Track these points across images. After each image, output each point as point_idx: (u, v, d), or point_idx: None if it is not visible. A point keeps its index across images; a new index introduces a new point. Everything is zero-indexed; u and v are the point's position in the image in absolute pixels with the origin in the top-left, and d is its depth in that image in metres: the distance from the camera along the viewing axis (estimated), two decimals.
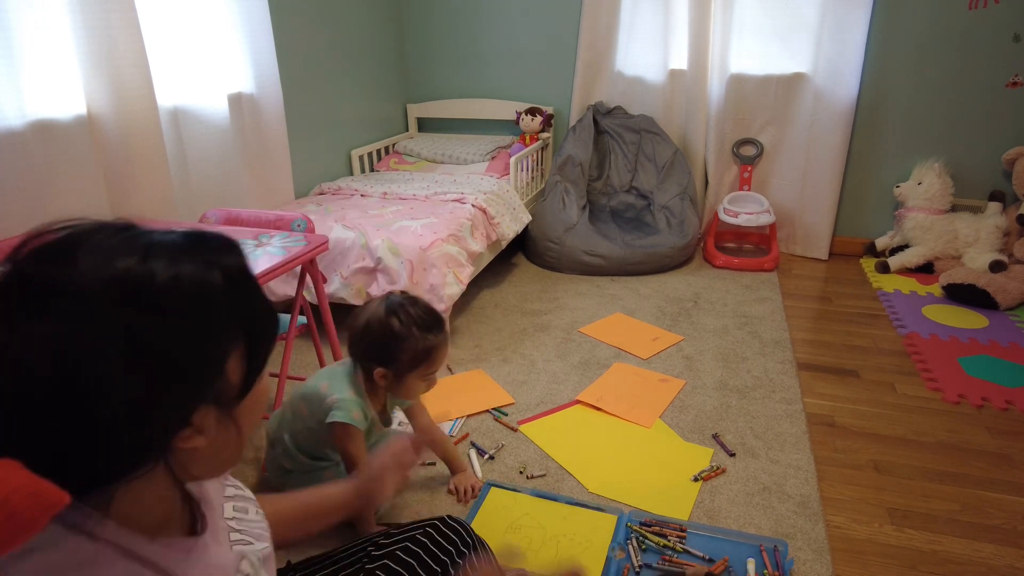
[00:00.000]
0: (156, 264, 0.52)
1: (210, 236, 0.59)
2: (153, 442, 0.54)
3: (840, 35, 3.00)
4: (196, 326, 0.54)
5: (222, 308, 0.56)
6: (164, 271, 0.52)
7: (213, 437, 0.57)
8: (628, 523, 1.49)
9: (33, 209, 1.74)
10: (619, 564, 1.39)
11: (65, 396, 0.48)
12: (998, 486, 1.65)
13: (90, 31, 1.78)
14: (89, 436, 0.50)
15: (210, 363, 0.55)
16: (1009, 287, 2.66)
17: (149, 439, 0.53)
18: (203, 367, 0.55)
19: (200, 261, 0.55)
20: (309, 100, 2.90)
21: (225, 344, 0.57)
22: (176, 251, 0.55)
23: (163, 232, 0.57)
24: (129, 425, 0.51)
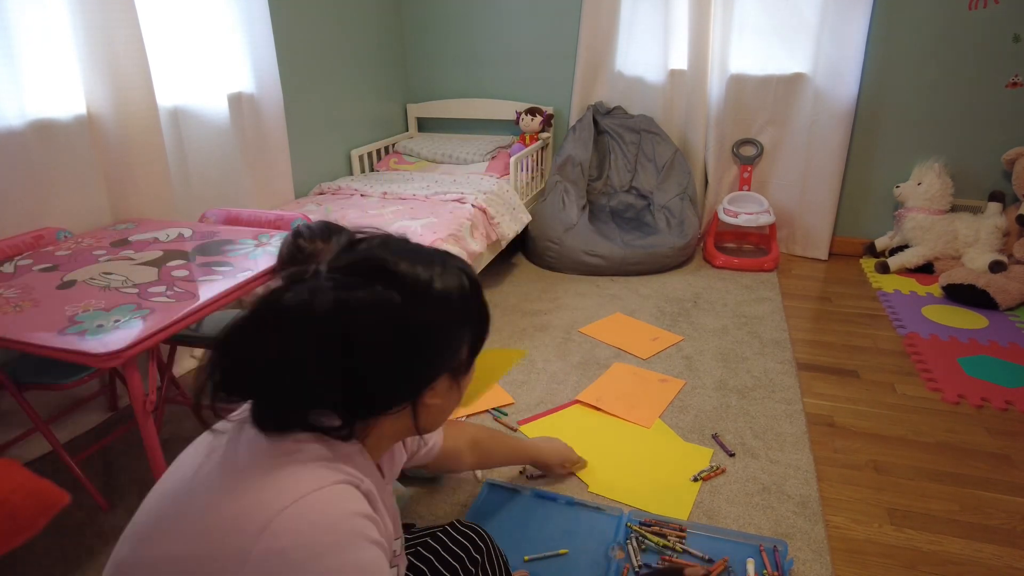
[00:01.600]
0: (435, 271, 0.75)
1: (453, 255, 0.83)
2: (412, 392, 0.76)
3: (840, 35, 3.00)
4: (455, 317, 0.77)
5: (468, 304, 0.79)
6: (439, 279, 0.75)
7: (444, 398, 0.80)
8: (628, 523, 1.49)
9: (33, 209, 1.75)
10: (619, 564, 1.39)
11: (378, 345, 0.71)
12: (997, 486, 1.65)
13: (90, 31, 1.78)
14: (381, 378, 0.72)
15: (455, 345, 0.79)
16: (1009, 287, 2.66)
17: (411, 390, 0.76)
18: (451, 347, 0.78)
19: (455, 269, 0.78)
20: (309, 100, 2.90)
21: (465, 331, 0.80)
22: (442, 261, 0.78)
23: (431, 248, 0.81)
24: (404, 377, 0.74)
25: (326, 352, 0.69)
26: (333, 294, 0.69)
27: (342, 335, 0.69)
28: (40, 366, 1.53)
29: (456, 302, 0.77)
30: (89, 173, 1.87)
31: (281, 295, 0.70)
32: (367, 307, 0.70)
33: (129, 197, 1.97)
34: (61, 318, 1.27)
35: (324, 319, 0.68)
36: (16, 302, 1.35)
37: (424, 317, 0.73)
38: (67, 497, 0.54)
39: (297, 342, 0.68)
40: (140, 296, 1.38)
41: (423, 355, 0.75)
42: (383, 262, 0.73)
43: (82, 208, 1.87)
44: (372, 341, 0.70)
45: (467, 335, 0.80)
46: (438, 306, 0.75)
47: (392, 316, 0.71)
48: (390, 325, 0.71)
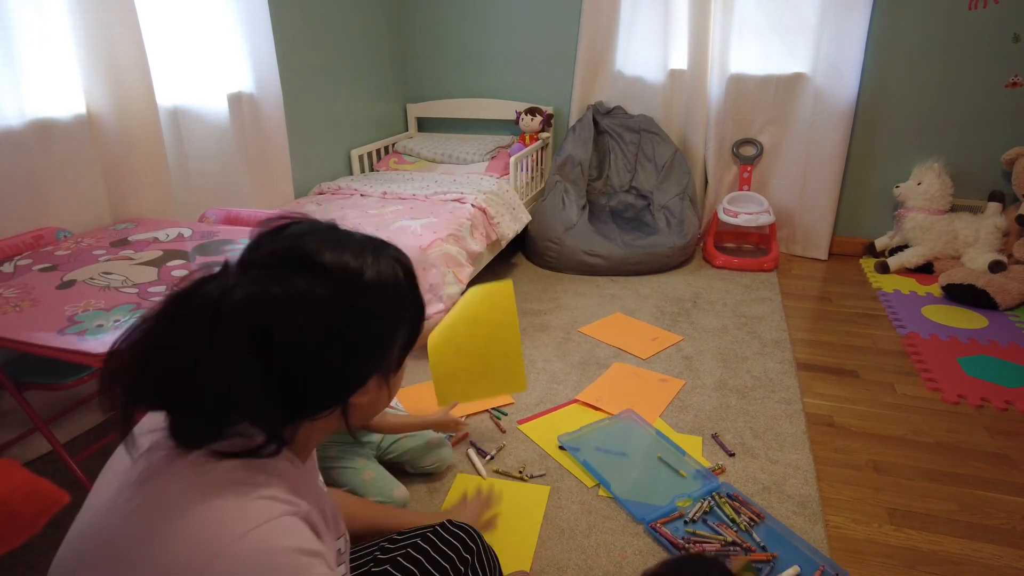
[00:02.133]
0: (366, 260, 0.69)
1: (387, 242, 0.76)
2: (339, 395, 0.70)
3: (840, 35, 3.00)
4: (388, 312, 0.71)
5: (403, 297, 0.73)
6: (370, 269, 0.69)
7: (373, 397, 0.74)
8: (716, 492, 1.58)
9: (33, 209, 1.75)
10: (676, 509, 1.53)
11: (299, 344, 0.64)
12: (997, 486, 1.65)
13: (90, 31, 1.78)
14: (305, 381, 0.65)
15: (387, 342, 0.72)
16: (1008, 287, 2.66)
17: (338, 392, 0.70)
18: (382, 345, 0.72)
19: (389, 258, 0.72)
20: (309, 100, 2.90)
21: (398, 327, 0.73)
22: (375, 249, 0.71)
23: (362, 235, 0.74)
24: (330, 379, 0.68)
25: (237, 355, 0.61)
26: (244, 290, 0.62)
27: (255, 335, 0.62)
28: (40, 366, 1.53)
29: (389, 294, 0.71)
30: (89, 173, 1.87)
31: (191, 292, 0.63)
32: (286, 303, 0.63)
33: (129, 197, 1.97)
34: (61, 318, 1.27)
35: (236, 318, 0.61)
36: (16, 302, 1.35)
37: (353, 312, 0.67)
38: (67, 497, 0.54)
39: (204, 345, 0.61)
40: (140, 296, 1.38)
41: (353, 354, 0.68)
42: (304, 251, 0.66)
43: (82, 208, 1.87)
44: (292, 340, 0.63)
45: (401, 331, 0.74)
46: (369, 299, 0.68)
47: (315, 312, 0.64)
48: (313, 322, 0.64)
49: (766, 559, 1.39)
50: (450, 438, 1.81)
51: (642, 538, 1.47)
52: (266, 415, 0.65)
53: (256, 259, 0.66)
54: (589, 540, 1.47)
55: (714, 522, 1.50)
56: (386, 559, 1.07)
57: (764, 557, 1.39)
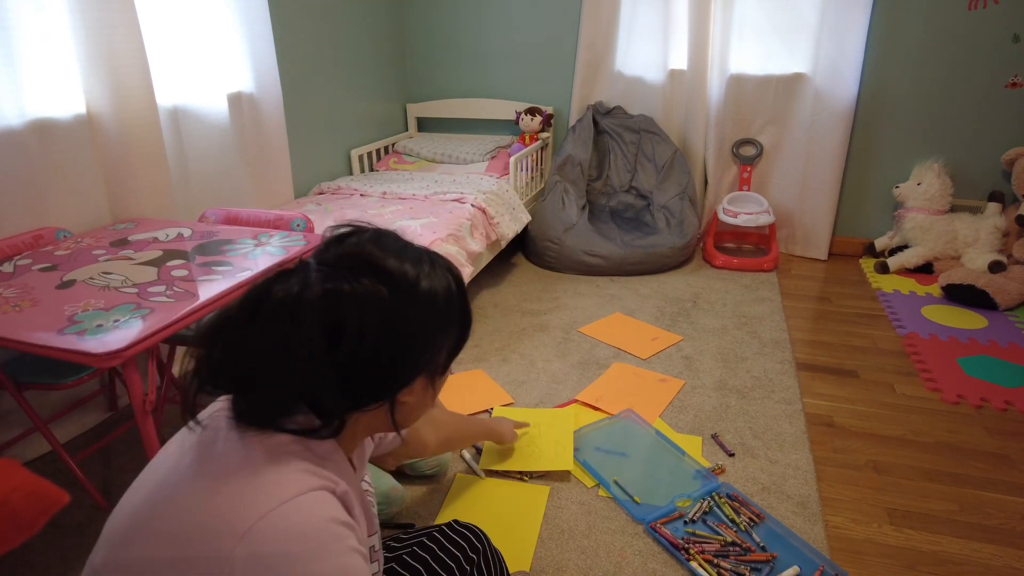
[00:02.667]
0: (423, 269, 0.76)
1: (440, 255, 0.83)
2: (391, 390, 0.75)
3: (840, 35, 3.00)
4: (439, 317, 0.77)
5: (453, 306, 0.79)
6: (427, 278, 0.75)
7: (419, 397, 0.80)
8: (716, 492, 1.59)
9: (33, 208, 1.75)
10: (676, 509, 1.54)
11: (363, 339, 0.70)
12: (997, 486, 1.66)
13: (90, 31, 1.78)
14: (363, 373, 0.71)
15: (437, 345, 0.78)
16: (1008, 287, 2.66)
17: (390, 387, 0.75)
18: (432, 347, 0.77)
19: (443, 270, 0.79)
20: (309, 100, 2.90)
21: (448, 332, 0.80)
22: (431, 260, 0.78)
23: (420, 247, 0.80)
24: (385, 374, 0.73)
25: (313, 344, 0.68)
26: (321, 286, 0.69)
27: (329, 327, 0.68)
28: (39, 366, 1.53)
29: (441, 302, 0.77)
30: (89, 173, 1.87)
31: (270, 286, 0.70)
32: (355, 300, 0.70)
33: (128, 197, 1.97)
34: (60, 318, 1.27)
35: (312, 311, 0.68)
36: (15, 302, 1.35)
37: (410, 314, 0.73)
38: (66, 497, 0.54)
39: (285, 334, 0.68)
40: (140, 296, 1.38)
41: (406, 353, 0.74)
42: (371, 256, 0.73)
43: (81, 208, 1.87)
44: (357, 335, 0.70)
45: (449, 337, 0.80)
46: (424, 305, 0.75)
47: (378, 311, 0.71)
48: (376, 320, 0.70)
49: (766, 559, 1.39)
50: None
51: (642, 538, 1.47)
52: (329, 403, 0.72)
53: (327, 260, 0.73)
54: (589, 540, 1.47)
55: (714, 522, 1.50)
56: (391, 557, 1.08)
57: (764, 557, 1.39)
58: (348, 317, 0.69)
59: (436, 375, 0.81)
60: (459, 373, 2.19)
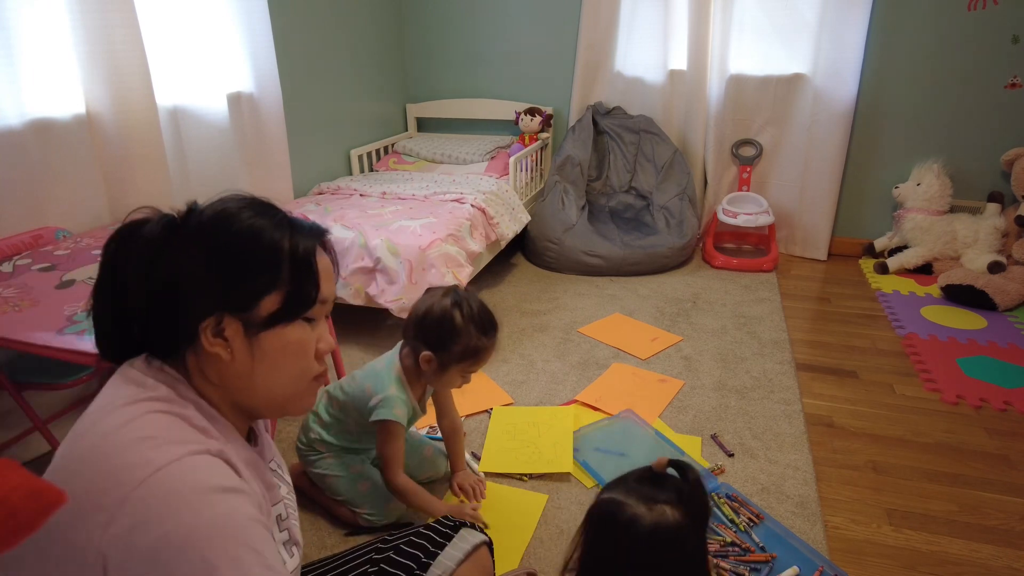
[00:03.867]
0: (245, 212, 0.76)
1: (310, 223, 0.82)
2: (184, 315, 0.72)
3: (840, 35, 3.00)
4: (252, 260, 0.74)
5: (278, 258, 0.75)
6: (247, 219, 0.75)
7: (235, 354, 0.74)
8: (715, 492, 1.58)
9: (32, 208, 1.74)
10: None
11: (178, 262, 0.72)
12: (996, 487, 1.66)
13: (89, 31, 1.78)
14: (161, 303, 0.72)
15: (252, 288, 0.74)
16: (1008, 288, 2.66)
17: (184, 309, 0.72)
18: (245, 287, 0.74)
19: (284, 230, 0.77)
20: (308, 100, 2.90)
21: (267, 280, 0.75)
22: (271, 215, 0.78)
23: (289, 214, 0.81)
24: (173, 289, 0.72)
25: (104, 282, 0.74)
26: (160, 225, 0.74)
27: (110, 268, 0.74)
28: (39, 365, 1.53)
29: (264, 243, 0.75)
30: (88, 172, 1.87)
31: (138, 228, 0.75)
32: (136, 241, 0.73)
33: (128, 196, 1.97)
34: (60, 317, 1.27)
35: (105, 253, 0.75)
36: (15, 301, 1.35)
37: (182, 253, 0.73)
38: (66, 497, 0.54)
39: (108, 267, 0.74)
40: None
41: (173, 292, 0.72)
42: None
43: (81, 207, 1.87)
44: (133, 273, 0.72)
45: (273, 284, 0.75)
46: (205, 246, 0.74)
47: (150, 247, 0.73)
48: (146, 257, 0.72)
49: (765, 559, 1.39)
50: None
51: None
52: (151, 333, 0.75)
53: None
54: None
55: (713, 522, 1.50)
56: (381, 558, 1.09)
57: (763, 558, 1.39)
58: (123, 258, 0.73)
59: (255, 327, 0.74)
60: None
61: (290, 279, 0.76)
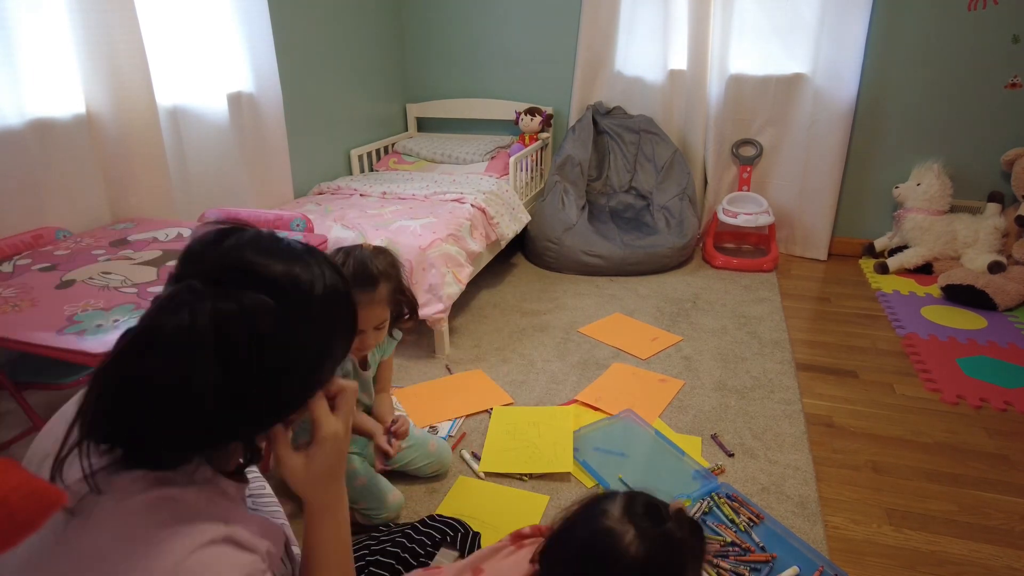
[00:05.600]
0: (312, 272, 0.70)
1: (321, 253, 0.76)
2: (289, 407, 0.71)
3: (840, 35, 3.00)
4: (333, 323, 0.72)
5: (345, 309, 0.74)
6: (319, 281, 0.70)
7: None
8: (715, 492, 1.58)
9: (32, 208, 1.75)
10: None
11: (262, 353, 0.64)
12: (996, 487, 1.66)
13: (89, 30, 1.78)
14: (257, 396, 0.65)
15: (335, 353, 0.74)
16: (1008, 288, 2.66)
17: (290, 403, 0.70)
18: (332, 355, 0.74)
19: (330, 270, 0.72)
20: (308, 100, 2.90)
21: (343, 338, 0.75)
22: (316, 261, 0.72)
23: (301, 244, 0.74)
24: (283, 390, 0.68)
25: (209, 372, 0.61)
26: (212, 309, 0.62)
27: (221, 351, 0.62)
28: (39, 365, 1.53)
29: (338, 304, 0.72)
30: (88, 172, 1.87)
31: (158, 320, 0.63)
32: (244, 318, 0.63)
33: (128, 196, 1.97)
34: (60, 317, 1.27)
35: (205, 338, 0.61)
36: (15, 301, 1.35)
37: (303, 323, 0.67)
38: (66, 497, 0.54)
39: (182, 368, 0.61)
40: (139, 296, 1.38)
41: (304, 365, 0.68)
42: (253, 265, 0.66)
43: (81, 207, 1.87)
44: (248, 353, 0.63)
45: (344, 342, 0.75)
46: (319, 309, 0.69)
47: (269, 324, 0.64)
48: (267, 334, 0.64)
49: (765, 559, 1.39)
50: (448, 437, 1.81)
51: None
52: (233, 430, 0.66)
53: (206, 273, 0.65)
54: None
55: (713, 522, 1.50)
56: (372, 555, 1.11)
57: (763, 558, 1.39)
58: (239, 336, 0.62)
59: (319, 387, 0.74)
60: (459, 373, 2.19)
61: (349, 325, 0.77)
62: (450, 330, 2.41)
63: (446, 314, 2.26)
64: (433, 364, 2.26)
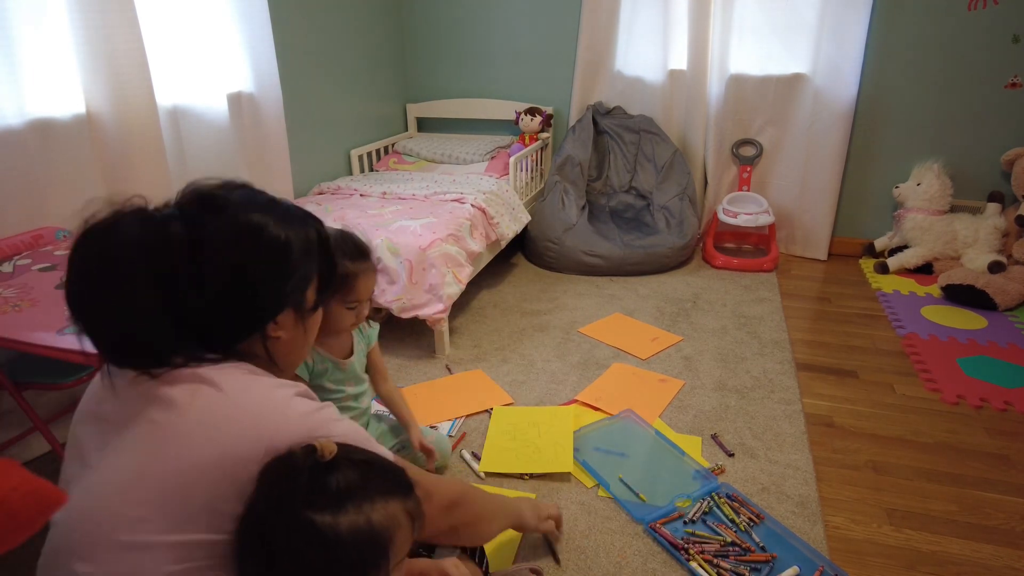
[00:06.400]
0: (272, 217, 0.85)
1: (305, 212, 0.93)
2: (257, 321, 0.85)
3: (840, 35, 3.00)
4: (301, 265, 0.87)
5: (312, 254, 0.89)
6: (282, 231, 0.84)
7: (290, 335, 0.90)
8: (715, 492, 1.58)
9: (32, 208, 1.74)
10: (678, 509, 1.54)
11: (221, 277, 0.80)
12: (996, 487, 1.66)
13: (89, 30, 1.78)
14: (230, 305, 0.81)
15: (300, 285, 0.88)
16: (1008, 288, 2.66)
17: (256, 317, 0.85)
18: (297, 286, 0.88)
19: (299, 220, 0.88)
20: (309, 100, 2.90)
21: (310, 275, 0.90)
22: (292, 215, 0.88)
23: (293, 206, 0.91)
24: (250, 302, 0.83)
25: (148, 290, 0.77)
26: (182, 225, 0.79)
27: (193, 265, 0.77)
28: (39, 365, 1.53)
29: (293, 252, 0.85)
30: (88, 172, 1.87)
31: (117, 228, 0.82)
32: (216, 240, 0.79)
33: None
34: (60, 317, 1.27)
35: (178, 250, 0.77)
36: (15, 301, 1.35)
37: (250, 261, 0.82)
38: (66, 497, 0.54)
39: (127, 282, 0.78)
40: None
41: (251, 296, 0.82)
42: (223, 200, 0.82)
43: (81, 207, 1.86)
44: (219, 270, 0.79)
45: (307, 280, 0.89)
46: (268, 253, 0.83)
47: (226, 251, 0.79)
48: (237, 256, 0.80)
49: (765, 559, 1.39)
50: (448, 437, 1.81)
51: (641, 538, 1.47)
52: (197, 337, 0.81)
53: (185, 201, 0.83)
54: (588, 540, 1.47)
55: (713, 522, 1.50)
56: None
57: (763, 558, 1.39)
58: (208, 256, 0.78)
59: (305, 313, 0.90)
60: (459, 373, 2.19)
61: (322, 265, 0.91)
62: (450, 330, 2.41)
63: (446, 314, 2.26)
64: (433, 364, 2.26)
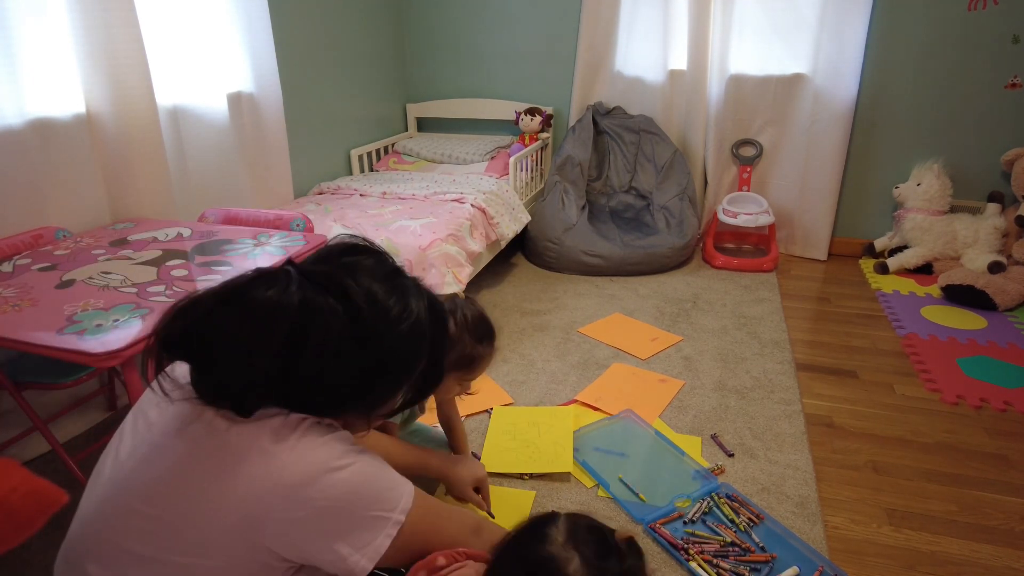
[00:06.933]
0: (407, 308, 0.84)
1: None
2: (326, 409, 0.83)
3: (840, 35, 3.00)
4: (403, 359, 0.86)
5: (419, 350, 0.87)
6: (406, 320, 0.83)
7: (350, 420, 0.89)
8: (715, 492, 1.58)
9: (32, 208, 1.74)
10: (678, 509, 1.54)
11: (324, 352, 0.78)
12: (996, 487, 1.66)
13: (89, 30, 1.78)
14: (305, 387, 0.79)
15: (380, 390, 0.85)
16: (1008, 288, 2.66)
17: (325, 406, 0.83)
18: (374, 391, 0.85)
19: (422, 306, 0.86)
20: (309, 100, 2.90)
21: (399, 379, 0.87)
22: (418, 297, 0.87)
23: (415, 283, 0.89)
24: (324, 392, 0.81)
25: (276, 347, 0.74)
26: (299, 296, 0.75)
27: (293, 336, 0.75)
28: (39, 365, 1.53)
29: (404, 349, 0.84)
30: (88, 172, 1.87)
31: (252, 285, 0.76)
32: (324, 319, 0.76)
33: (128, 196, 1.97)
34: (60, 317, 1.27)
35: (286, 317, 0.75)
36: (15, 301, 1.35)
37: (364, 350, 0.79)
38: (66, 496, 0.54)
39: (255, 329, 0.74)
40: (139, 296, 1.38)
41: (347, 384, 0.80)
42: (348, 285, 0.78)
43: (81, 207, 1.87)
44: (317, 352, 0.76)
45: (402, 383, 0.87)
46: (385, 345, 0.81)
47: (340, 337, 0.77)
48: (335, 345, 0.77)
49: (765, 559, 1.39)
50: None
51: (641, 538, 1.47)
52: (285, 401, 0.80)
53: (308, 272, 0.80)
54: None
55: (713, 522, 1.50)
56: None
57: (763, 558, 1.39)
58: (314, 332, 0.75)
59: (376, 410, 0.88)
60: None
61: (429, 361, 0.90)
62: None
63: None
64: None
